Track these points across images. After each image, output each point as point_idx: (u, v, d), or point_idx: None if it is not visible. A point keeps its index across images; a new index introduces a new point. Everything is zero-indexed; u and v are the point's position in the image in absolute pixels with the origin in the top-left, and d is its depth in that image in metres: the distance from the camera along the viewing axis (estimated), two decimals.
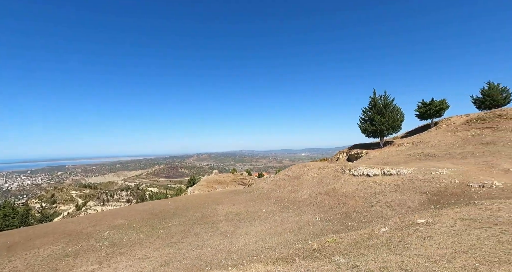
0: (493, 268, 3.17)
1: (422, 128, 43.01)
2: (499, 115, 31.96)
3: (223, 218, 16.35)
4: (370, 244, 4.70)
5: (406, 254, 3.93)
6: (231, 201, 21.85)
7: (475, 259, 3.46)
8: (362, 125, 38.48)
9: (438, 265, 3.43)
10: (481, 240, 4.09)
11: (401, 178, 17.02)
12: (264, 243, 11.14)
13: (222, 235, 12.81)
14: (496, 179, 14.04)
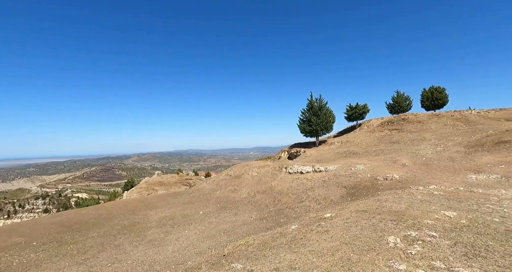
0: (362, 257, 3.63)
1: (350, 129, 49.35)
2: (403, 119, 39.17)
3: (154, 224, 15.08)
4: (276, 244, 4.88)
5: (301, 251, 4.18)
6: (167, 205, 20.44)
7: (352, 250, 3.92)
8: (301, 126, 41.62)
9: (322, 260, 3.73)
10: (362, 231, 4.66)
11: (328, 174, 19.01)
12: (195, 248, 10.70)
13: (149, 243, 11.76)
14: (395, 172, 17.11)
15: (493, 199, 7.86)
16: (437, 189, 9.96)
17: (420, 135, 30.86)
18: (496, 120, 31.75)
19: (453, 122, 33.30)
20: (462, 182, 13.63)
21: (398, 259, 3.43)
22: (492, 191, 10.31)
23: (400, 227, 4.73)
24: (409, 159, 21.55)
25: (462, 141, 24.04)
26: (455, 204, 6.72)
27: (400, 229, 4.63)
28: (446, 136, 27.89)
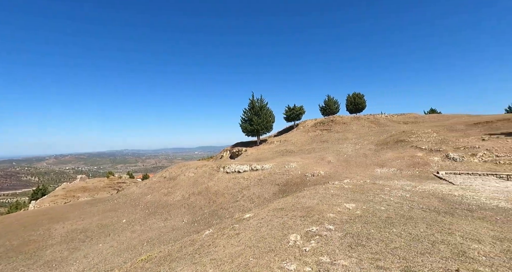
0: (260, 260, 3.53)
1: (289, 129, 52.74)
2: (332, 120, 44.13)
3: (57, 240, 12.42)
4: (180, 255, 4.41)
5: (202, 262, 3.84)
6: (81, 215, 17.29)
7: (253, 253, 3.79)
8: (243, 125, 42.05)
9: (220, 269, 3.44)
10: (271, 230, 4.61)
11: (264, 172, 19.59)
12: (106, 265, 9.19)
13: (44, 266, 9.52)
14: (322, 169, 18.97)
15: (386, 189, 9.33)
16: (349, 183, 11.28)
17: (344, 135, 35.23)
18: (397, 123, 39.06)
19: (368, 124, 39.32)
20: (370, 175, 16.04)
21: (292, 258, 3.44)
22: (388, 182, 12.39)
23: (305, 223, 4.87)
24: (334, 156, 24.28)
25: (373, 140, 28.50)
26: (357, 196, 7.60)
27: (305, 225, 4.75)
28: (363, 136, 32.60)
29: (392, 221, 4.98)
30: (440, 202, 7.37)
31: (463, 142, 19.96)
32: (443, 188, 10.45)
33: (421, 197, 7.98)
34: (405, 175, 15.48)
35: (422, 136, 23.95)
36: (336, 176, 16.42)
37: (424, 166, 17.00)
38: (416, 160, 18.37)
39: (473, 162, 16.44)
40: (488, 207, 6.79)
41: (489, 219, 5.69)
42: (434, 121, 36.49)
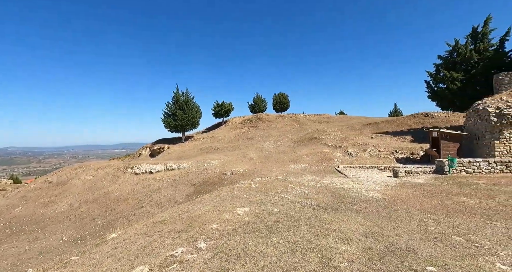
0: None
1: (217, 125, 51.58)
2: (259, 118, 45.60)
3: None
4: None
5: None
6: None
7: None
8: (166, 120, 38.20)
9: None
10: (117, 262, 3.36)
11: (181, 172, 17.82)
12: None
13: None
14: (242, 166, 18.82)
15: (290, 186, 9.51)
16: (260, 181, 11.13)
17: (269, 132, 36.81)
18: (314, 122, 43.76)
19: (290, 122, 42.49)
20: (284, 172, 16.83)
21: None
22: (297, 178, 13.08)
23: (176, 242, 3.84)
24: (257, 153, 24.76)
25: (293, 137, 30.74)
26: (258, 197, 7.20)
27: (172, 246, 3.70)
28: (285, 133, 34.81)
29: (277, 226, 4.55)
30: (331, 197, 7.83)
31: (358, 139, 23.74)
32: (338, 181, 11.64)
33: (317, 193, 8.36)
34: (314, 170, 16.93)
35: (330, 134, 27.29)
36: (253, 173, 16.45)
37: (329, 161, 19.13)
38: (324, 156, 20.54)
39: (363, 157, 19.57)
40: (366, 198, 7.56)
41: (364, 211, 6.17)
42: (341, 121, 42.65)
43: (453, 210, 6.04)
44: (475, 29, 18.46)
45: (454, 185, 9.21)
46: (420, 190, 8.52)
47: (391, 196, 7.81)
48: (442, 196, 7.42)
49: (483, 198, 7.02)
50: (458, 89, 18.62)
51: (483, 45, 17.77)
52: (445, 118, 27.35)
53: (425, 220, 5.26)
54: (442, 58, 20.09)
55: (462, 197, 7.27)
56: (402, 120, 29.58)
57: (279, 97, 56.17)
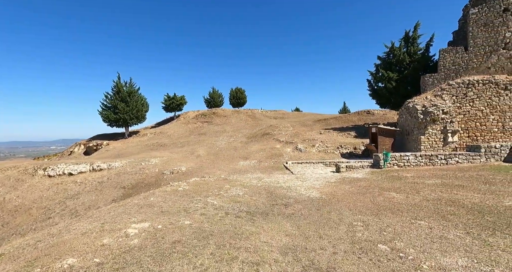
0: None
1: (169, 120, 47.81)
2: (214, 113, 43.68)
3: None
4: None
5: None
6: None
7: None
8: (104, 113, 33.40)
9: None
10: None
11: (111, 172, 15.23)
12: None
13: None
14: (186, 164, 17.16)
15: (226, 187, 8.47)
16: (195, 181, 9.83)
17: (223, 128, 35.36)
18: (270, 118, 43.89)
19: (246, 118, 41.74)
20: (231, 169, 15.82)
21: None
22: (241, 176, 12.14)
23: None
24: (206, 149, 23.21)
25: (247, 133, 29.98)
26: (178, 204, 5.94)
27: None
28: (239, 129, 33.84)
29: (172, 250, 3.35)
30: (267, 198, 7.04)
31: (308, 135, 24.21)
32: (282, 178, 11.13)
33: (253, 194, 7.49)
34: (262, 167, 16.33)
35: (283, 129, 27.32)
36: (197, 172, 15.00)
37: (279, 157, 18.83)
38: (274, 152, 20.20)
39: (312, 152, 19.85)
40: (303, 198, 6.98)
41: (296, 215, 5.47)
42: (295, 117, 43.70)
43: (383, 208, 5.77)
44: (407, 33, 20.29)
45: (387, 179, 9.43)
46: (356, 186, 8.39)
47: (328, 194, 7.40)
48: (375, 192, 7.29)
49: (410, 192, 7.08)
50: (393, 88, 20.24)
51: (413, 48, 19.63)
52: (383, 116, 30.03)
53: (355, 224, 4.75)
54: (381, 59, 21.64)
55: (392, 192, 7.24)
56: (348, 117, 31.52)
57: (236, 92, 54.88)
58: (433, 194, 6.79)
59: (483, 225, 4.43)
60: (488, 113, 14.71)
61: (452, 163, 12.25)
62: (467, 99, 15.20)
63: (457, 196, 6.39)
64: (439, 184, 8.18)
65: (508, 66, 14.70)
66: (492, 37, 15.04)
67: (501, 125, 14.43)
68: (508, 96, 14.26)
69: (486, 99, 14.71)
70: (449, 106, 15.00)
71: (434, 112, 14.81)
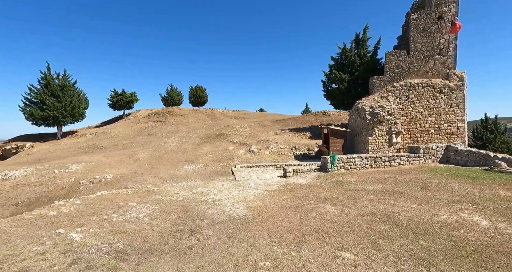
0: None
1: (118, 119, 42.83)
2: (169, 111, 40.34)
3: None
4: None
5: None
6: None
7: None
8: (28, 109, 27.89)
9: None
10: None
11: (5, 184, 11.89)
12: None
13: None
14: (116, 171, 14.51)
15: (131, 205, 6.60)
16: (103, 196, 7.77)
17: (178, 128, 32.54)
18: (230, 117, 42.19)
19: (204, 118, 39.39)
20: (169, 175, 13.75)
21: None
22: (172, 186, 10.18)
23: None
24: (151, 152, 20.54)
25: (202, 134, 27.82)
26: (10, 244, 3.89)
27: None
28: (195, 129, 31.46)
29: None
30: (175, 220, 5.42)
31: (264, 136, 23.21)
32: (219, 187, 9.63)
33: (160, 214, 5.79)
34: (207, 171, 14.60)
35: (239, 130, 25.91)
36: (124, 180, 12.62)
37: (229, 160, 17.31)
38: (225, 154, 18.62)
39: (265, 154, 18.79)
40: (221, 218, 5.53)
41: (193, 250, 3.97)
42: (256, 117, 42.78)
43: (310, 230, 4.62)
44: (357, 35, 20.65)
45: (329, 186, 8.58)
46: (294, 196, 7.27)
47: (256, 210, 6.08)
48: (309, 205, 6.20)
49: (347, 204, 6.15)
50: (345, 89, 20.36)
51: (363, 50, 20.01)
52: (338, 117, 30.73)
53: (261, 265, 3.40)
54: (334, 60, 21.71)
55: (328, 204, 6.23)
56: (306, 117, 31.58)
57: (196, 91, 51.94)
58: (370, 205, 5.94)
59: (416, 256, 3.47)
60: (427, 115, 15.30)
61: (395, 165, 12.19)
62: (409, 101, 15.65)
63: (393, 208, 5.59)
64: (379, 190, 7.52)
65: (442, 71, 15.49)
66: (429, 42, 15.71)
67: (437, 127, 15.09)
68: (443, 100, 14.96)
69: (425, 102, 15.27)
70: (393, 107, 15.23)
71: (380, 113, 14.86)
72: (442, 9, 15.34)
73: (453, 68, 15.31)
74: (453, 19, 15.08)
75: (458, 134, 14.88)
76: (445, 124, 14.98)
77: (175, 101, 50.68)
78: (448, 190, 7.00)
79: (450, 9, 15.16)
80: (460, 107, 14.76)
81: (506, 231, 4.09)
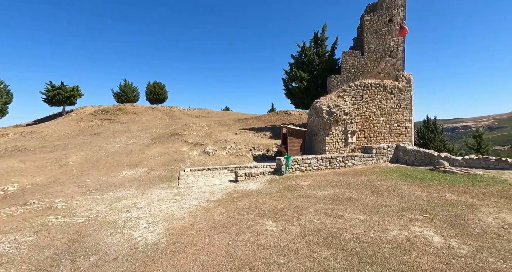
0: None
1: (56, 116, 37.00)
2: (120, 108, 36.20)
3: None
4: None
5: None
6: None
7: None
8: None
9: None
10: None
11: None
12: None
13: None
14: (28, 179, 11.67)
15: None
16: None
17: (128, 127, 29.12)
18: (190, 116, 39.65)
19: (161, 116, 36.21)
20: (100, 183, 11.47)
21: None
22: (93, 197, 8.21)
23: None
24: (86, 154, 17.50)
25: (155, 133, 25.15)
26: None
27: None
28: (149, 128, 28.47)
29: None
30: (47, 259, 3.74)
31: (223, 135, 21.76)
32: (153, 197, 7.97)
33: (32, 248, 4.04)
34: (149, 177, 12.63)
35: (196, 129, 24.02)
36: (36, 191, 10.03)
37: (179, 163, 15.49)
38: (176, 156, 16.72)
39: (221, 155, 17.38)
40: (119, 253, 4.03)
41: None
42: (219, 116, 40.99)
43: (232, 267, 3.40)
44: (316, 34, 20.54)
45: (278, 192, 7.61)
46: (233, 209, 6.07)
47: (176, 233, 4.70)
48: (247, 223, 5.05)
49: (290, 219, 5.16)
50: (305, 88, 20.04)
51: (321, 50, 19.95)
52: (299, 116, 30.79)
53: None
54: (294, 58, 21.31)
55: (269, 220, 5.16)
56: (268, 117, 30.96)
57: (154, 87, 47.96)
58: (316, 219, 5.02)
59: None
60: (379, 115, 15.58)
61: (349, 165, 11.90)
62: (363, 101, 15.78)
63: (340, 223, 4.74)
64: (330, 196, 6.77)
65: (393, 72, 15.95)
66: (381, 44, 16.07)
67: (388, 127, 15.46)
68: (393, 100, 15.37)
69: (377, 102, 15.53)
70: (349, 107, 15.17)
71: (336, 113, 14.63)
72: (391, 12, 15.76)
73: (401, 70, 15.86)
74: (401, 22, 15.59)
75: (406, 134, 15.44)
76: (395, 124, 15.42)
77: (129, 98, 46.05)
78: (398, 194, 6.53)
79: (398, 12, 15.64)
80: (407, 107, 15.32)
81: (460, 251, 3.44)
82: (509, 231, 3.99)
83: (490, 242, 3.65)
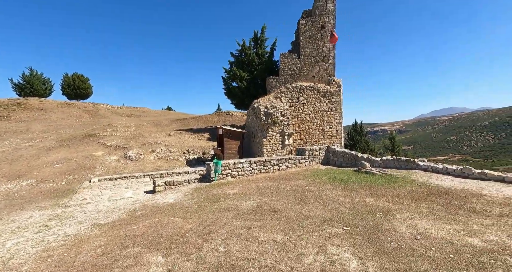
0: None
1: None
2: (19, 103, 28.64)
3: None
4: None
5: None
6: None
7: None
8: None
9: None
10: None
11: None
12: None
13: None
14: None
15: None
16: None
17: (27, 126, 22.97)
18: (120, 115, 34.38)
19: (80, 114, 30.17)
20: None
21: None
22: None
23: None
24: None
25: (66, 134, 20.44)
26: None
27: None
28: (59, 128, 23.07)
29: None
30: None
31: (153, 137, 19.08)
32: (4, 226, 5.59)
33: None
34: (31, 193, 9.47)
35: (120, 130, 20.51)
36: None
37: (87, 171, 12.46)
38: (86, 162, 13.51)
39: (148, 160, 14.94)
40: None
41: None
42: (156, 116, 36.93)
43: None
44: (256, 34, 20.15)
45: (196, 206, 6.28)
46: (118, 239, 4.44)
47: None
48: (123, 264, 3.54)
49: (190, 248, 3.93)
50: (245, 88, 19.31)
51: (261, 50, 19.64)
52: (241, 117, 30.07)
53: None
54: (234, 56, 20.41)
55: (159, 254, 3.80)
56: (208, 117, 29.23)
57: (73, 80, 40.00)
58: (223, 246, 3.91)
59: None
60: (314, 118, 15.93)
61: (283, 168, 11.47)
62: (299, 103, 15.90)
63: (250, 250, 3.74)
64: (253, 208, 5.83)
65: (325, 77, 16.63)
66: (315, 49, 16.58)
67: (322, 129, 15.95)
68: (325, 103, 15.95)
69: (312, 105, 15.86)
70: (286, 109, 15.00)
71: (274, 114, 14.20)
72: (323, 19, 16.42)
73: (333, 75, 16.66)
74: (331, 30, 16.40)
75: (337, 136, 16.23)
76: (328, 127, 16.03)
77: (39, 92, 37.23)
78: (323, 201, 6.06)
79: (329, 20, 16.41)
80: (338, 111, 16.13)
81: None
82: (421, 242, 3.68)
83: (406, 261, 3.18)
